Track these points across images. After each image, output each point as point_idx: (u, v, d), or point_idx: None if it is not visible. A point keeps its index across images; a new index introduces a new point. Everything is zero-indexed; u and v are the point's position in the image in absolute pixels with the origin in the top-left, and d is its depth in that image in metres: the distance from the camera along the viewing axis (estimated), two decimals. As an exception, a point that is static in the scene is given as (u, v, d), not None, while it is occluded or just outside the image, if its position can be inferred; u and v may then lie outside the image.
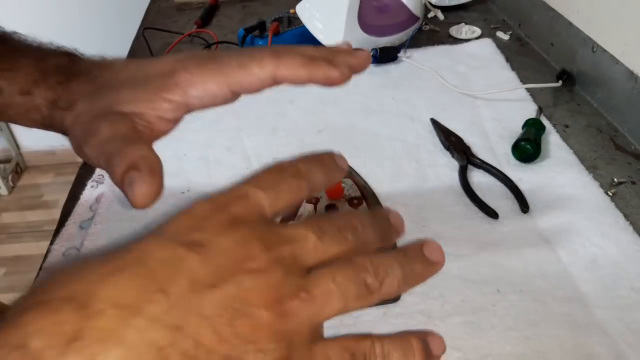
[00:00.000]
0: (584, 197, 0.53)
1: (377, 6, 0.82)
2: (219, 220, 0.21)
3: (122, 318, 0.17)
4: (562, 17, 0.77)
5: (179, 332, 0.18)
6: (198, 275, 0.19)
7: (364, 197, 0.52)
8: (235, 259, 0.20)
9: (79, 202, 0.57)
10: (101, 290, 0.18)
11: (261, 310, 0.19)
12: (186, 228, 0.21)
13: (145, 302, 0.18)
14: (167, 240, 0.20)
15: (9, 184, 2.08)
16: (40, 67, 0.33)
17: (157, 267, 0.19)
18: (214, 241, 0.20)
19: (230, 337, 0.18)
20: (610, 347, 0.40)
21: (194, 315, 0.18)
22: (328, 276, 0.21)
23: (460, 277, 0.46)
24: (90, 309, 0.17)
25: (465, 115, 0.67)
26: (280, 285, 0.20)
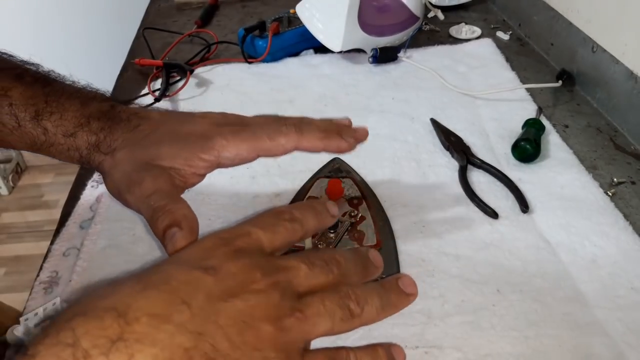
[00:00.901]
0: (584, 197, 0.53)
1: (377, 6, 0.82)
2: (226, 251, 0.26)
3: (155, 325, 0.21)
4: (562, 17, 0.77)
5: (200, 337, 0.22)
6: (213, 291, 0.23)
7: (363, 197, 0.52)
8: (241, 281, 0.24)
9: (79, 202, 0.57)
10: (136, 302, 0.22)
11: (265, 324, 0.23)
12: (199, 257, 0.26)
13: (173, 312, 0.22)
14: (184, 265, 0.25)
15: (9, 184, 2.08)
16: (84, 112, 0.36)
17: (179, 286, 0.23)
18: (223, 266, 0.25)
19: (240, 345, 0.22)
20: (610, 347, 0.40)
21: (211, 324, 0.22)
22: (318, 300, 0.26)
23: (460, 277, 0.46)
24: (128, 317, 0.21)
25: (465, 115, 0.67)
26: (278, 305, 0.24)
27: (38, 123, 0.36)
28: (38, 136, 0.36)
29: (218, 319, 0.22)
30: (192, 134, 0.36)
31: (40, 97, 0.36)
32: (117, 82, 0.83)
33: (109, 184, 0.36)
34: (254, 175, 0.59)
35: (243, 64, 0.82)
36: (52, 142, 0.36)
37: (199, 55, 0.85)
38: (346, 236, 0.47)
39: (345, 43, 0.75)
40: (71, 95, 0.37)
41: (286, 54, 0.84)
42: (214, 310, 0.23)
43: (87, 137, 0.36)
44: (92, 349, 0.20)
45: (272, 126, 0.36)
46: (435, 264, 0.47)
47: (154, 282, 0.23)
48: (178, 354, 0.21)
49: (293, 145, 0.36)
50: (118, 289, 0.23)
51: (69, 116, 0.36)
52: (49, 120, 0.36)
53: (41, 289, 0.46)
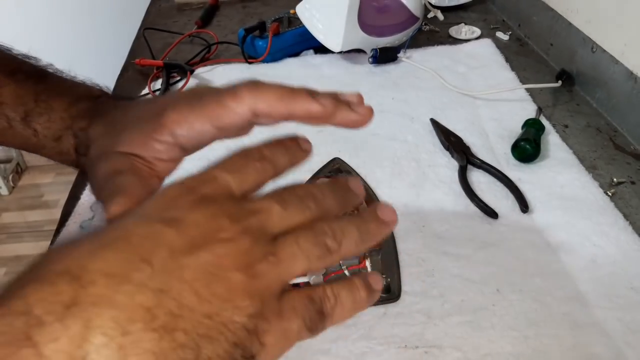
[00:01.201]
0: (584, 197, 0.54)
1: (377, 6, 0.82)
2: (190, 199, 0.23)
3: (112, 285, 0.20)
4: (561, 17, 0.77)
5: (163, 295, 0.20)
6: (175, 245, 0.22)
7: (364, 197, 0.52)
8: (207, 230, 0.22)
9: (79, 202, 0.57)
10: (91, 263, 0.20)
11: (234, 273, 0.22)
12: (160, 208, 0.23)
13: (132, 270, 0.20)
14: (145, 219, 0.23)
15: (10, 184, 2.08)
16: (71, 113, 0.35)
17: (138, 241, 0.21)
18: (187, 216, 0.23)
19: (209, 297, 0.21)
20: (610, 346, 0.40)
21: (175, 280, 0.21)
22: (292, 241, 0.24)
23: (460, 277, 0.46)
24: (83, 280, 0.20)
25: (465, 115, 0.67)
26: (249, 251, 0.23)
27: (28, 124, 0.35)
28: (29, 138, 0.35)
29: (183, 274, 0.21)
30: (146, 115, 0.32)
31: (31, 96, 0.35)
32: (117, 82, 0.83)
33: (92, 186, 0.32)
34: (254, 175, 0.59)
35: (243, 64, 0.82)
36: (43, 144, 0.35)
37: (199, 55, 0.85)
38: (346, 236, 0.47)
39: (345, 43, 0.76)
40: (61, 94, 0.36)
41: (286, 55, 0.84)
42: (177, 265, 0.21)
43: (70, 140, 0.34)
44: (45, 316, 0.19)
45: (223, 89, 0.30)
46: (435, 264, 0.47)
47: (111, 240, 0.21)
48: (139, 314, 0.19)
49: (246, 107, 0.29)
50: (73, 250, 0.21)
51: (56, 117, 0.35)
52: (38, 122, 0.35)
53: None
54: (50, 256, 0.21)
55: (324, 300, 0.25)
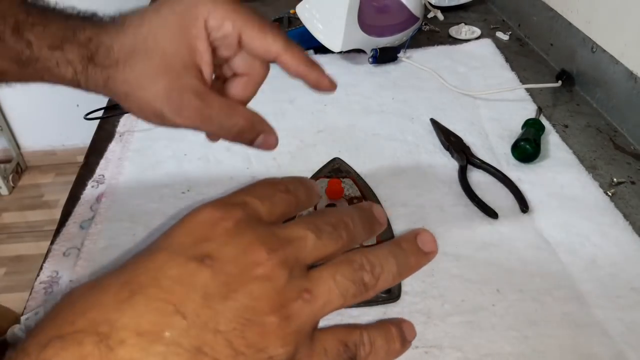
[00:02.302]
0: (584, 197, 0.54)
1: (377, 6, 0.82)
2: (224, 227, 0.22)
3: (144, 346, 0.18)
4: (561, 17, 0.77)
5: (199, 354, 0.18)
6: (210, 289, 0.20)
7: (363, 197, 0.52)
8: (243, 266, 0.21)
9: (79, 202, 0.57)
10: (120, 318, 0.18)
11: (269, 316, 0.20)
12: (193, 239, 0.21)
13: (164, 326, 0.18)
14: (177, 255, 0.21)
15: (10, 184, 2.08)
16: (69, 24, 0.33)
17: (170, 287, 0.19)
18: (222, 251, 0.21)
19: (244, 349, 0.19)
20: (610, 347, 0.40)
21: (210, 333, 0.19)
22: (328, 276, 0.22)
23: (460, 277, 0.46)
24: (111, 340, 0.17)
25: (465, 115, 0.67)
26: (285, 288, 0.21)
27: (20, 35, 0.33)
28: (22, 50, 0.33)
29: (218, 325, 0.19)
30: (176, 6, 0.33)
31: (20, 8, 0.34)
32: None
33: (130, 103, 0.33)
34: (254, 175, 0.59)
35: (243, 64, 0.82)
36: (38, 56, 0.33)
37: (199, 55, 0.85)
38: (346, 236, 0.47)
39: (345, 43, 0.76)
40: (54, 10, 0.35)
41: (286, 54, 0.84)
42: (212, 314, 0.19)
43: (77, 51, 0.33)
44: None
45: (267, 21, 0.34)
46: (435, 264, 0.47)
47: (142, 285, 0.19)
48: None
49: (276, 50, 0.34)
50: (100, 298, 0.19)
51: (53, 27, 0.33)
52: (32, 32, 0.33)
53: (41, 289, 0.47)
54: (74, 302, 0.19)
55: (359, 346, 0.24)
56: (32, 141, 2.14)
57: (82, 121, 0.70)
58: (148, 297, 0.19)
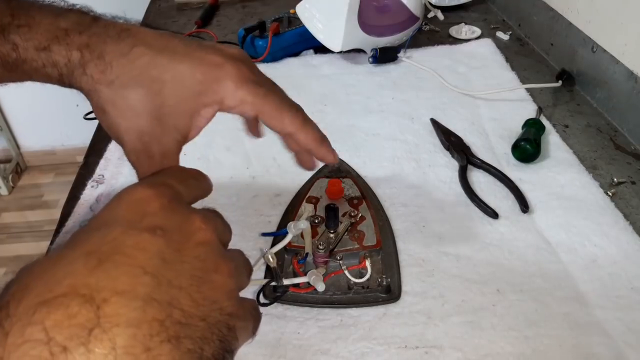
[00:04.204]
0: (584, 197, 0.53)
1: (377, 6, 0.82)
2: (160, 203, 0.25)
3: (125, 303, 0.20)
4: (562, 17, 0.77)
5: (169, 306, 0.21)
6: (166, 254, 0.23)
7: (363, 197, 0.52)
8: (187, 233, 0.24)
9: (79, 202, 0.57)
10: (98, 282, 0.20)
11: (215, 275, 0.24)
12: (136, 215, 0.24)
13: (137, 285, 0.21)
14: (129, 227, 0.23)
15: (9, 184, 2.08)
16: (60, 25, 0.32)
17: (133, 253, 0.22)
18: (167, 223, 0.24)
19: (201, 301, 0.22)
20: (610, 347, 0.40)
21: (175, 289, 0.22)
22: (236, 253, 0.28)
23: (460, 277, 0.46)
24: (96, 300, 0.19)
25: (465, 115, 0.67)
26: (221, 252, 0.25)
27: (5, 38, 0.32)
28: (8, 53, 0.32)
29: (180, 282, 0.22)
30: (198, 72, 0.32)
31: (5, 10, 0.32)
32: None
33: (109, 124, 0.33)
34: (254, 175, 0.59)
35: (243, 64, 0.82)
36: (24, 57, 0.32)
37: (199, 55, 0.85)
38: (346, 236, 0.47)
39: (345, 43, 0.75)
40: (42, 8, 0.33)
41: (286, 54, 0.84)
42: (174, 274, 0.22)
43: (66, 53, 0.31)
44: (68, 342, 0.18)
45: (285, 99, 0.36)
46: (435, 264, 0.47)
47: (107, 254, 0.21)
48: (155, 328, 0.20)
49: (291, 130, 0.35)
50: (69, 267, 0.21)
51: (40, 29, 0.32)
52: (17, 34, 0.32)
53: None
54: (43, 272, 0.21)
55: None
56: (32, 141, 2.14)
57: (82, 121, 0.70)
58: (116, 263, 0.21)
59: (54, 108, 1.94)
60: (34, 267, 0.21)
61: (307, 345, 0.41)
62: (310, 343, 0.41)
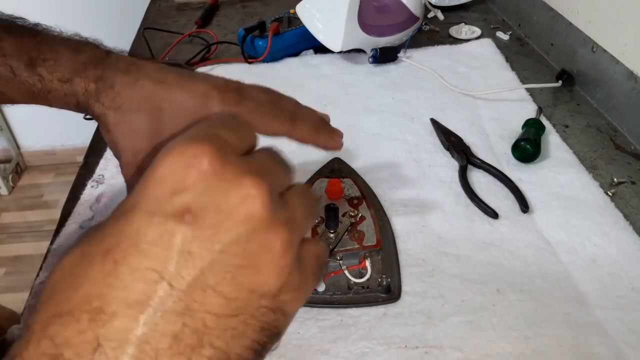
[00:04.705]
0: (584, 197, 0.53)
1: (377, 6, 0.82)
2: (199, 169, 0.20)
3: (135, 316, 0.18)
4: (562, 17, 0.77)
5: (187, 315, 0.19)
6: (192, 247, 0.19)
7: (363, 197, 0.52)
8: (226, 211, 0.20)
9: (79, 202, 0.57)
10: (109, 292, 0.19)
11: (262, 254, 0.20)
12: (168, 191, 0.20)
13: (150, 294, 0.19)
14: (153, 214, 0.19)
15: (9, 184, 2.08)
16: (79, 58, 0.36)
17: (151, 250, 0.19)
18: (200, 201, 0.19)
19: (235, 295, 0.19)
20: (610, 347, 0.40)
21: (197, 290, 0.19)
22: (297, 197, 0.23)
23: (460, 277, 0.46)
24: (104, 314, 0.18)
25: (465, 115, 0.67)
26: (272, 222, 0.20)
27: (33, 70, 0.36)
28: (34, 84, 0.36)
29: (205, 280, 0.19)
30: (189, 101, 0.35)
31: (32, 45, 0.36)
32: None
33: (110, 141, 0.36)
34: (254, 175, 0.59)
35: (243, 64, 0.82)
36: (49, 88, 0.36)
37: (199, 55, 0.85)
38: (346, 236, 0.47)
39: (345, 43, 0.75)
40: (63, 43, 0.37)
41: (286, 54, 0.84)
42: (197, 272, 0.19)
43: (84, 84, 0.36)
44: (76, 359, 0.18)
45: (270, 108, 0.36)
46: (435, 264, 0.47)
47: (124, 253, 0.19)
48: (165, 342, 0.18)
49: (284, 132, 0.36)
50: (88, 270, 0.19)
51: (63, 62, 0.36)
52: (44, 67, 0.36)
53: (41, 289, 0.46)
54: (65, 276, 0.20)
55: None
56: (32, 141, 2.14)
57: (82, 121, 0.70)
58: (131, 267, 0.19)
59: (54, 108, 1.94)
60: (65, 262, 0.20)
61: (307, 345, 0.41)
62: (310, 343, 0.41)
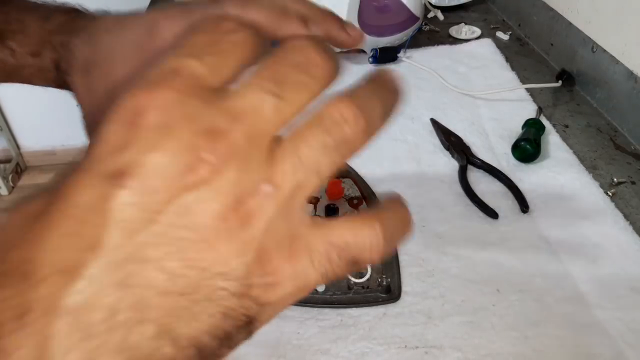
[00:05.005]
0: (584, 197, 0.53)
1: (377, 6, 0.82)
2: (150, 120, 0.17)
3: (64, 283, 0.16)
4: (562, 17, 0.77)
5: (122, 287, 0.16)
6: (130, 216, 0.16)
7: (363, 197, 0.52)
8: (173, 175, 0.16)
9: (79, 202, 0.56)
10: (40, 255, 0.16)
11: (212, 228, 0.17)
12: (113, 146, 0.17)
13: (82, 262, 0.16)
14: (91, 174, 0.17)
15: (9, 184, 2.08)
16: (46, 27, 0.33)
17: (84, 216, 0.17)
18: (143, 160, 0.16)
19: (183, 271, 0.17)
20: (610, 347, 0.40)
21: (135, 263, 0.16)
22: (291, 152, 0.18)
23: (460, 277, 0.46)
24: (33, 278, 0.16)
25: (465, 115, 0.67)
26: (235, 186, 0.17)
27: (3, 44, 0.33)
28: (6, 59, 0.34)
29: (144, 253, 0.16)
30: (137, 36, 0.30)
31: (1, 16, 0.34)
32: (117, 82, 0.83)
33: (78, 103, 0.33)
34: (254, 175, 0.59)
35: (243, 64, 0.82)
36: (23, 64, 0.34)
37: (199, 55, 0.85)
38: (346, 236, 0.47)
39: (345, 43, 0.75)
40: (33, 11, 0.34)
41: (286, 54, 0.84)
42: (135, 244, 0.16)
43: (50, 54, 0.33)
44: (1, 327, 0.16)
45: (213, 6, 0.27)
46: (435, 264, 0.47)
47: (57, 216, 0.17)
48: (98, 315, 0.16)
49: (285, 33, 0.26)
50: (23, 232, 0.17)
51: (31, 33, 0.33)
52: (14, 40, 0.33)
53: None
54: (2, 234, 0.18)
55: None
56: (32, 141, 2.14)
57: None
58: (61, 232, 0.17)
59: (54, 108, 1.94)
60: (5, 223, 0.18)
61: (307, 345, 0.41)
62: (310, 343, 0.41)
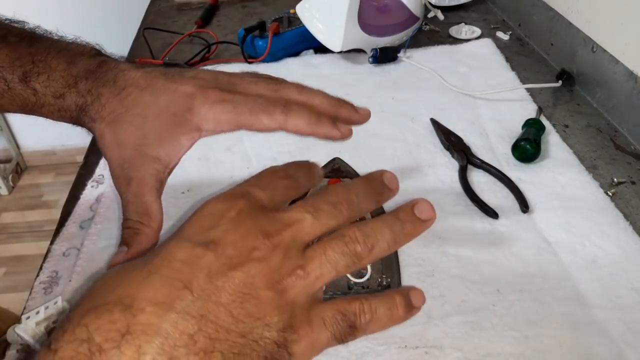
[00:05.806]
0: (584, 197, 0.53)
1: (377, 6, 0.82)
2: (229, 217, 0.26)
3: (159, 314, 0.22)
4: (562, 17, 0.77)
5: (203, 321, 0.22)
6: (213, 269, 0.24)
7: (364, 197, 0.52)
8: (243, 249, 0.24)
9: (79, 202, 0.57)
10: (140, 292, 0.23)
11: (264, 290, 0.24)
12: (201, 228, 0.25)
13: (175, 298, 0.22)
14: (186, 241, 0.25)
15: (9, 184, 2.08)
16: (72, 72, 0.36)
17: (179, 267, 0.23)
18: (224, 237, 0.25)
19: (242, 317, 0.23)
20: (610, 347, 0.40)
21: (213, 304, 0.23)
22: (320, 252, 0.26)
23: (460, 277, 0.46)
24: (133, 309, 0.22)
25: (465, 115, 0.67)
26: (279, 267, 0.25)
27: (27, 84, 0.36)
28: (28, 97, 0.36)
29: (219, 298, 0.23)
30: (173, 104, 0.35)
31: (27, 57, 0.36)
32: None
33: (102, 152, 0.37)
34: (254, 175, 0.59)
35: (243, 64, 0.82)
36: (43, 102, 0.36)
37: (199, 55, 0.85)
38: (346, 236, 0.47)
39: (345, 43, 0.75)
40: (58, 54, 0.37)
41: (286, 54, 0.84)
42: (214, 288, 0.23)
43: (75, 99, 0.36)
44: (105, 343, 0.21)
45: (257, 101, 0.35)
46: (435, 264, 0.47)
47: (156, 267, 0.24)
48: (183, 340, 0.22)
49: (276, 126, 0.35)
50: (125, 279, 0.24)
51: (56, 76, 0.36)
52: (37, 82, 0.36)
53: (41, 289, 0.46)
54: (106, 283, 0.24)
55: (359, 315, 0.26)
56: (31, 141, 2.14)
57: (82, 121, 0.70)
58: (161, 276, 0.23)
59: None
60: (106, 275, 0.25)
61: (307, 345, 0.41)
62: (310, 343, 0.41)
